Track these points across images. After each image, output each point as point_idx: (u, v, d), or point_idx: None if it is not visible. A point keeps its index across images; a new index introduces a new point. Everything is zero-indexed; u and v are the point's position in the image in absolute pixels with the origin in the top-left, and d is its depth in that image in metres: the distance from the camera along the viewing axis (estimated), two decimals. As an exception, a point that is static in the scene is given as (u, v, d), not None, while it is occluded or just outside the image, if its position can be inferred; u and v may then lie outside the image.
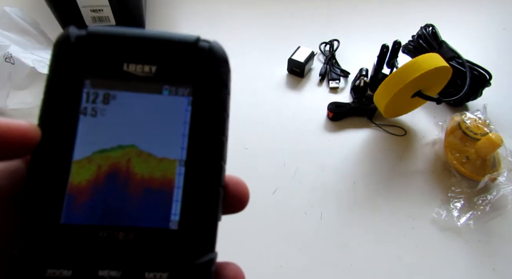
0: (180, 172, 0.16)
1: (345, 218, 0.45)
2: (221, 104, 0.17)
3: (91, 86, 0.16)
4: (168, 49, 0.17)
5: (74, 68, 0.16)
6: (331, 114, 0.53)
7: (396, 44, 0.54)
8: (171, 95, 0.16)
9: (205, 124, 0.16)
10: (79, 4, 0.56)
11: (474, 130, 0.47)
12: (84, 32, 0.16)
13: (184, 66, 0.17)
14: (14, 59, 0.49)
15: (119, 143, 0.16)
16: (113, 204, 0.15)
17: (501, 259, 0.42)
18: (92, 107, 0.16)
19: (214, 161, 0.16)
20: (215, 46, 0.17)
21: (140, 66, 0.16)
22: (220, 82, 0.17)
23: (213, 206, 0.16)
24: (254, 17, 0.69)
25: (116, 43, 0.16)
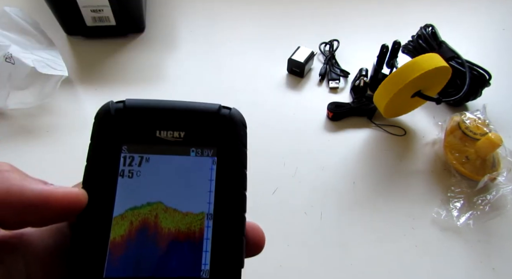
0: (208, 224, 0.18)
1: (345, 218, 0.45)
2: (242, 162, 0.19)
3: (128, 151, 0.18)
4: (194, 117, 0.19)
5: (114, 137, 0.19)
6: (331, 114, 0.53)
7: (396, 44, 0.54)
8: (197, 156, 0.19)
9: (228, 181, 0.19)
10: (79, 4, 0.56)
11: (474, 130, 0.47)
12: (122, 105, 0.19)
13: (208, 131, 0.19)
14: (14, 59, 0.49)
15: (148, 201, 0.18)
16: (147, 256, 0.17)
17: (501, 258, 0.42)
18: (129, 170, 0.18)
19: (238, 214, 0.18)
20: (234, 112, 0.20)
21: (170, 133, 0.19)
22: (240, 143, 0.19)
23: (239, 255, 0.18)
24: (254, 17, 0.69)
25: (150, 113, 0.19)
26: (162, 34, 0.65)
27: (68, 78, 0.55)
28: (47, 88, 0.51)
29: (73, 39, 0.63)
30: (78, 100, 0.55)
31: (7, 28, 0.53)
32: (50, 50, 0.55)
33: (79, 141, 0.51)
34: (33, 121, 0.52)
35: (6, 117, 0.52)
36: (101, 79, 0.58)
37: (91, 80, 0.57)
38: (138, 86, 0.57)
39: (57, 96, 0.53)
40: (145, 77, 0.58)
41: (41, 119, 0.52)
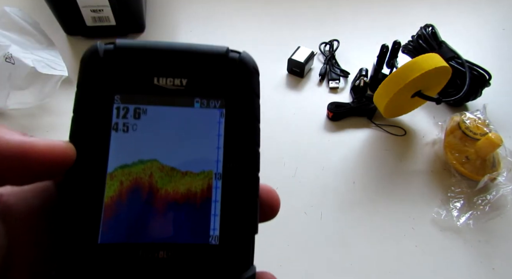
0: (216, 185, 0.16)
1: (345, 218, 0.45)
2: (255, 115, 0.17)
3: (121, 101, 0.16)
4: (198, 61, 0.16)
5: (104, 84, 0.16)
6: (331, 114, 0.53)
7: (396, 44, 0.54)
8: (202, 108, 0.16)
9: (239, 136, 0.16)
10: (79, 4, 0.56)
11: (474, 130, 0.47)
12: (112, 46, 0.16)
13: (215, 78, 0.16)
14: (14, 59, 0.49)
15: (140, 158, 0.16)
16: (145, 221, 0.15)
17: (501, 258, 0.42)
18: (123, 123, 0.16)
19: (251, 173, 0.16)
20: (245, 56, 0.17)
21: (170, 80, 0.16)
22: (252, 92, 0.17)
23: (252, 219, 0.16)
24: (254, 17, 0.69)
25: (145, 56, 0.16)
26: (162, 34, 0.65)
27: (68, 78, 0.55)
28: (47, 88, 0.51)
29: (73, 39, 0.63)
30: (78, 100, 0.55)
31: (7, 28, 0.53)
32: (50, 50, 0.55)
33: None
34: (33, 121, 0.52)
35: (6, 117, 0.52)
36: (101, 79, 0.58)
37: (91, 80, 0.57)
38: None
39: (57, 96, 0.53)
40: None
41: (41, 119, 0.52)
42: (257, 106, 0.17)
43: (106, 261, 0.15)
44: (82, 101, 0.16)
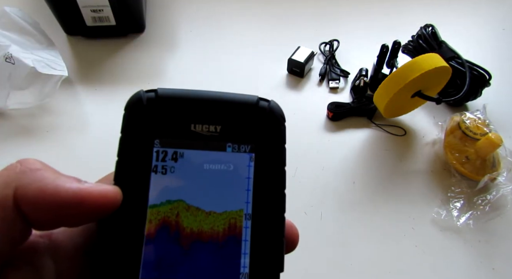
0: (246, 225, 0.17)
1: (345, 218, 0.45)
2: (282, 160, 0.18)
3: (161, 145, 0.17)
4: (231, 110, 0.18)
5: (146, 129, 0.17)
6: (331, 114, 0.53)
7: (396, 44, 0.54)
8: (234, 152, 0.18)
9: (268, 179, 0.18)
10: (79, 4, 0.56)
11: (474, 130, 0.47)
12: (154, 94, 0.18)
13: (246, 125, 0.18)
14: (14, 59, 0.49)
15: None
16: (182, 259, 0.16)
17: (501, 258, 0.42)
18: (162, 165, 0.17)
19: (279, 214, 0.17)
20: (273, 105, 0.19)
21: (206, 126, 0.18)
22: (280, 139, 0.18)
23: (279, 258, 0.17)
24: (254, 17, 0.69)
25: (184, 105, 0.18)
26: (162, 34, 0.65)
27: (68, 78, 0.55)
28: (47, 88, 0.51)
29: (73, 39, 0.63)
30: (78, 100, 0.55)
31: (7, 28, 0.53)
32: (50, 50, 0.55)
33: (79, 141, 0.51)
34: (33, 121, 0.52)
35: (6, 117, 0.52)
36: (101, 79, 0.58)
37: (91, 80, 0.57)
38: (138, 86, 0.57)
39: (57, 96, 0.53)
40: (145, 77, 0.58)
41: (41, 119, 0.52)
42: (284, 152, 0.18)
43: None
44: (126, 145, 0.17)
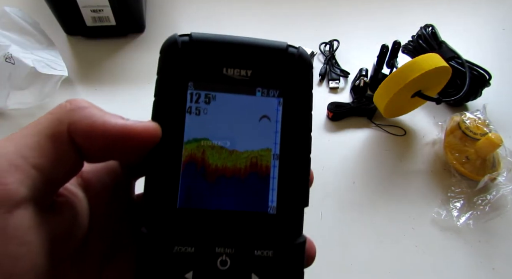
0: (274, 164, 0.18)
1: (345, 218, 0.45)
2: (309, 105, 0.19)
3: (195, 88, 0.18)
4: (262, 55, 0.19)
5: (180, 72, 0.18)
6: (331, 114, 0.53)
7: (396, 44, 0.54)
8: (263, 97, 0.19)
9: (295, 123, 0.19)
10: (79, 4, 0.56)
11: (474, 130, 0.47)
12: (188, 38, 0.19)
13: (275, 71, 0.19)
14: (14, 59, 0.49)
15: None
16: (224, 191, 0.18)
17: (501, 259, 0.42)
18: (196, 107, 0.18)
19: (305, 155, 0.19)
20: (302, 52, 0.19)
21: (237, 70, 0.19)
22: (308, 85, 0.19)
23: (304, 194, 0.19)
24: (254, 17, 0.69)
25: (217, 49, 0.19)
26: (162, 34, 0.64)
27: (68, 78, 0.55)
28: (47, 88, 0.51)
29: (73, 39, 0.63)
30: (78, 100, 0.55)
31: (7, 28, 0.53)
32: (50, 50, 0.55)
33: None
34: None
35: (6, 117, 0.52)
36: (101, 79, 0.58)
37: (91, 80, 0.57)
38: (138, 86, 0.57)
39: (57, 96, 0.53)
40: (145, 77, 0.58)
41: (41, 119, 0.52)
42: (310, 97, 0.19)
43: (187, 223, 0.18)
44: (162, 86, 0.18)
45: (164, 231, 0.17)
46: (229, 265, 0.17)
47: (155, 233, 0.17)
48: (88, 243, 0.17)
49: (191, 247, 0.17)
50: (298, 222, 0.19)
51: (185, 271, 0.17)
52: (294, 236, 0.18)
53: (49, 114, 0.16)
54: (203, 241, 0.17)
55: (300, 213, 0.19)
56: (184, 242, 0.17)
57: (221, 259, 0.17)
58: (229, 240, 0.18)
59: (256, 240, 0.18)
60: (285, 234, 0.18)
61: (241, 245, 0.18)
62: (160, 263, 0.17)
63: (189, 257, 0.17)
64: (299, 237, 0.18)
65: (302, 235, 0.19)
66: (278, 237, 0.18)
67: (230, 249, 0.17)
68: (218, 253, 0.17)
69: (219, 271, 0.17)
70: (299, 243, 0.18)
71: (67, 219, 0.16)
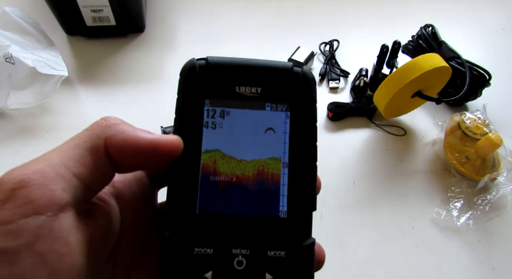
0: (284, 172, 0.20)
1: (345, 218, 0.45)
2: (314, 117, 0.21)
3: (211, 104, 0.20)
4: (270, 74, 0.21)
5: (198, 91, 0.20)
6: (331, 114, 0.53)
7: (396, 44, 0.54)
8: (272, 111, 0.21)
9: (301, 133, 0.21)
10: (79, 4, 0.56)
11: (474, 130, 0.47)
12: (204, 62, 0.21)
13: (282, 88, 0.21)
14: (14, 59, 0.49)
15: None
16: (236, 197, 0.20)
17: (501, 258, 0.42)
18: (212, 122, 0.20)
19: (311, 163, 0.21)
20: (306, 71, 0.21)
21: (248, 88, 0.21)
22: (312, 99, 0.21)
23: (312, 199, 0.21)
24: (254, 17, 0.69)
25: (230, 70, 0.21)
26: (162, 34, 0.65)
27: (68, 78, 0.55)
28: (47, 88, 0.51)
29: (73, 39, 0.63)
30: (78, 100, 0.55)
31: (7, 28, 0.53)
32: (50, 50, 0.55)
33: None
34: (33, 121, 0.52)
35: (6, 117, 0.52)
36: (101, 79, 0.58)
37: (91, 80, 0.57)
38: (138, 86, 0.57)
39: (57, 96, 0.53)
40: (145, 77, 0.58)
41: (41, 119, 0.52)
42: (315, 110, 0.21)
43: (205, 227, 0.19)
44: (182, 104, 0.20)
45: (185, 234, 0.19)
46: (245, 265, 0.19)
47: (177, 236, 0.19)
48: (119, 248, 0.19)
49: (210, 248, 0.19)
50: (307, 225, 0.20)
51: (205, 271, 0.19)
52: (303, 238, 0.20)
53: (87, 131, 0.18)
54: (221, 243, 0.19)
55: (309, 217, 0.20)
56: (203, 244, 0.19)
57: (238, 259, 0.19)
58: (245, 242, 0.19)
59: (269, 242, 0.19)
60: (295, 236, 0.20)
61: (256, 246, 0.19)
62: (182, 264, 0.19)
63: (208, 258, 0.19)
64: (308, 238, 0.20)
65: (311, 237, 0.20)
66: (289, 239, 0.19)
67: (245, 250, 0.19)
68: (234, 254, 0.19)
69: (236, 271, 0.19)
70: (308, 244, 0.20)
71: (101, 225, 0.18)
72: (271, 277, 0.19)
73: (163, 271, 0.19)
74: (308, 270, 0.20)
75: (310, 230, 0.20)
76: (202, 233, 0.19)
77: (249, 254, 0.19)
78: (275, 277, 0.19)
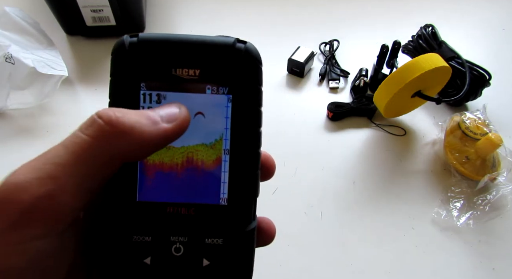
0: (225, 158, 0.19)
1: (345, 218, 0.45)
2: (257, 100, 0.20)
3: (146, 88, 0.19)
4: (209, 53, 0.19)
5: (131, 73, 0.19)
6: (331, 114, 0.53)
7: (396, 44, 0.54)
8: (213, 94, 0.19)
9: (244, 118, 0.19)
10: (79, 4, 0.56)
11: (474, 130, 0.47)
12: (136, 39, 0.19)
13: (223, 67, 0.19)
14: (14, 59, 0.49)
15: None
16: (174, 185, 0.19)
17: (501, 259, 0.42)
18: (148, 107, 0.19)
19: (253, 150, 0.20)
20: (250, 47, 0.20)
21: (186, 70, 0.19)
22: (255, 80, 0.19)
23: (254, 186, 0.20)
24: (254, 17, 0.69)
25: (164, 49, 0.19)
26: (162, 34, 0.64)
27: (68, 78, 0.55)
28: (47, 88, 0.51)
29: (73, 39, 0.63)
30: (78, 100, 0.55)
31: (7, 28, 0.53)
32: (50, 50, 0.55)
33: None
34: (33, 121, 0.52)
35: (6, 117, 0.52)
36: (101, 79, 0.58)
37: (91, 80, 0.57)
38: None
39: (57, 96, 0.53)
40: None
41: (41, 119, 0.52)
42: (259, 93, 0.20)
43: (144, 214, 0.19)
44: (115, 88, 0.19)
45: (124, 222, 0.19)
46: (182, 252, 0.19)
47: (114, 225, 0.19)
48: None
49: (148, 236, 0.19)
50: (248, 212, 0.20)
51: (144, 257, 0.19)
52: (244, 224, 0.20)
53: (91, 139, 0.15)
54: (159, 231, 0.19)
55: (249, 203, 0.20)
56: (141, 232, 0.19)
57: (175, 246, 0.19)
58: (183, 230, 0.19)
59: (208, 229, 0.19)
60: (235, 223, 0.20)
61: (193, 234, 0.19)
62: (121, 251, 0.19)
63: (146, 245, 0.19)
64: (249, 224, 0.20)
65: (253, 222, 0.20)
66: (228, 226, 0.19)
67: (183, 238, 0.19)
68: (172, 241, 0.19)
69: (174, 257, 0.19)
70: (248, 230, 0.20)
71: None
72: (208, 263, 0.19)
73: (104, 259, 0.19)
74: (246, 255, 0.20)
75: (251, 216, 0.20)
76: (141, 221, 0.19)
77: (186, 241, 0.19)
78: (212, 262, 0.19)
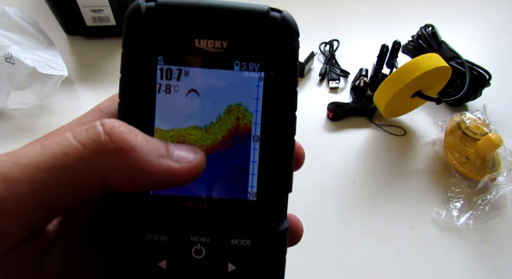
0: (254, 147, 0.17)
1: (345, 218, 0.45)
2: (293, 79, 0.17)
3: (164, 62, 0.16)
4: (239, 22, 0.16)
5: (147, 43, 0.16)
6: (331, 114, 0.53)
7: (396, 44, 0.54)
8: (242, 71, 0.16)
9: (278, 100, 0.17)
10: (79, 4, 0.56)
11: (474, 130, 0.47)
12: (154, 3, 0.16)
13: (255, 40, 0.16)
14: (14, 59, 0.49)
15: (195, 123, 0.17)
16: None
17: (501, 259, 0.42)
18: (166, 84, 0.16)
19: (288, 137, 0.17)
20: (286, 16, 0.17)
21: (211, 42, 0.16)
22: (292, 57, 0.17)
23: (287, 179, 0.17)
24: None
25: (187, 16, 0.16)
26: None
27: (68, 78, 0.55)
28: (47, 88, 0.51)
29: (73, 39, 0.63)
30: (78, 100, 0.55)
31: (7, 28, 0.53)
32: (50, 50, 0.55)
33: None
34: (33, 121, 0.52)
35: (6, 117, 0.52)
36: (101, 79, 0.58)
37: (91, 80, 0.57)
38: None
39: (57, 96, 0.53)
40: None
41: (41, 119, 0.52)
42: (296, 71, 0.17)
43: (159, 210, 0.16)
44: (127, 62, 0.16)
45: (136, 219, 0.16)
46: (204, 254, 0.16)
47: (126, 222, 0.16)
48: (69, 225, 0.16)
49: (163, 235, 0.16)
50: (280, 209, 0.17)
51: (159, 260, 0.16)
52: (275, 223, 0.17)
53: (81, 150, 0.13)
54: (176, 229, 0.16)
55: (282, 199, 0.17)
56: (156, 231, 0.16)
57: (196, 248, 0.16)
58: (204, 229, 0.16)
59: (233, 229, 0.17)
60: (265, 222, 0.17)
61: (217, 234, 0.17)
62: (132, 252, 0.16)
63: (162, 245, 0.16)
64: (281, 224, 0.17)
65: (285, 222, 0.17)
66: (257, 225, 0.17)
67: (205, 238, 0.16)
68: (192, 242, 0.16)
69: (194, 260, 0.16)
70: (280, 231, 0.17)
71: None
72: (234, 268, 0.16)
73: (113, 260, 0.16)
74: (278, 259, 0.17)
75: (283, 215, 0.17)
76: (155, 217, 0.16)
77: (209, 242, 0.16)
78: (239, 267, 0.16)
